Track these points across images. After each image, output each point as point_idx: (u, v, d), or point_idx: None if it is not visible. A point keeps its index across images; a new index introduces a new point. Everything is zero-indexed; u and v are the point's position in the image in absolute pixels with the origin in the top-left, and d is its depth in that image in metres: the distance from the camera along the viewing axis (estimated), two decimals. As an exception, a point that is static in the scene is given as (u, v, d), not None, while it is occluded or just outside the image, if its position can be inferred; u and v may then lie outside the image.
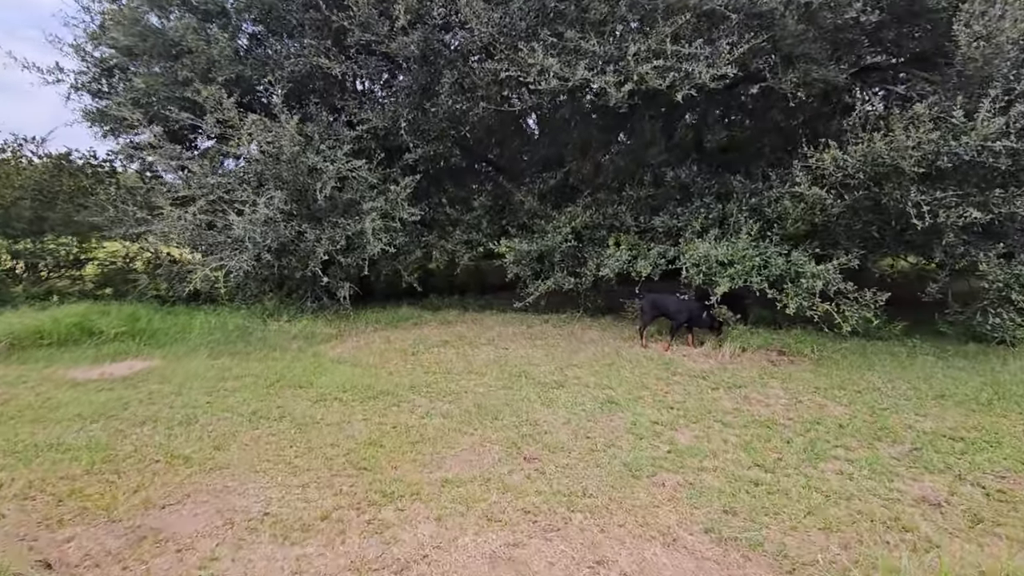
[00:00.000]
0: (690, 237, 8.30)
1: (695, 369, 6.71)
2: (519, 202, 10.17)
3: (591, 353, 7.47)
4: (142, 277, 11.37)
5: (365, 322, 9.37)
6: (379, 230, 8.52)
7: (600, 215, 9.29)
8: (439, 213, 10.40)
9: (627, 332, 8.61)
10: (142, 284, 11.04)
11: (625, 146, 9.66)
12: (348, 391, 5.90)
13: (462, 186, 10.86)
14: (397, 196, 8.78)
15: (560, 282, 9.00)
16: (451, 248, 10.12)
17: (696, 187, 8.99)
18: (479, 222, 10.39)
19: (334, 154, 8.37)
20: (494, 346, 7.93)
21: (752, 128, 9.26)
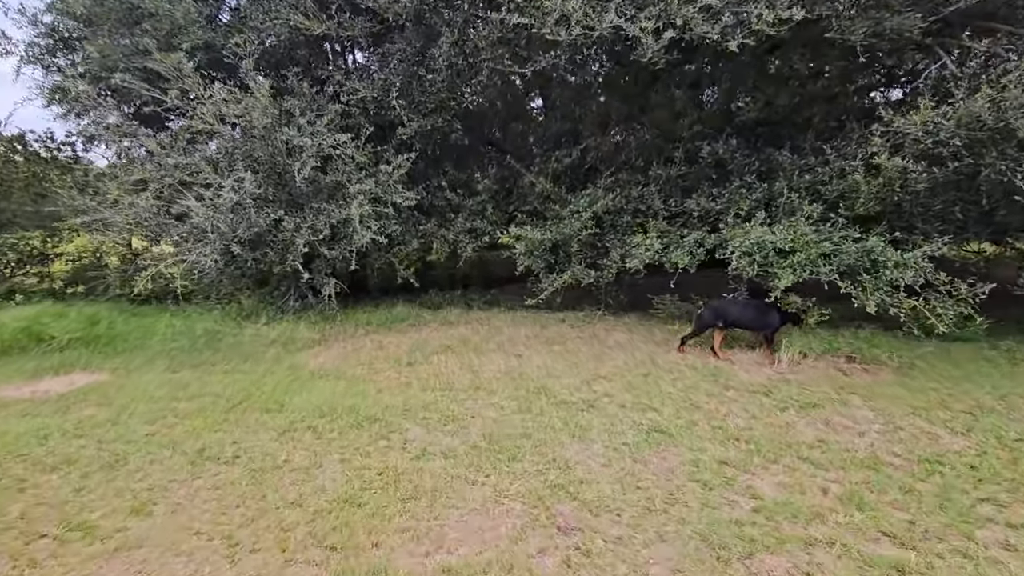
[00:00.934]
0: (733, 222, 7.06)
1: (750, 382, 5.50)
2: (529, 184, 8.93)
3: (621, 361, 6.27)
4: (111, 274, 10.22)
5: (355, 324, 8.18)
6: (368, 217, 7.31)
7: (623, 198, 8.04)
8: (438, 198, 9.17)
9: (658, 333, 7.41)
10: (111, 281, 9.89)
11: (652, 117, 8.38)
12: (326, 416, 4.72)
13: (464, 167, 9.62)
14: (389, 178, 7.55)
15: (579, 275, 7.79)
16: (453, 238, 8.91)
17: (735, 164, 7.73)
18: (484, 208, 9.16)
19: (315, 128, 7.13)
20: (504, 353, 6.73)
21: (799, 95, 7.98)
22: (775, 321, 6.19)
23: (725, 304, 6.55)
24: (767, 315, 6.22)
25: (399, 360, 6.50)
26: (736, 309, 6.40)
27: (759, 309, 6.30)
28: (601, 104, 8.53)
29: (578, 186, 8.67)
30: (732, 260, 6.30)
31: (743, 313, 6.40)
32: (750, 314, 6.36)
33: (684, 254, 6.75)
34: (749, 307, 6.42)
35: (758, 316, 6.29)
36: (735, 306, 6.46)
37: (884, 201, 6.15)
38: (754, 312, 6.33)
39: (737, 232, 6.51)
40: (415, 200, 8.18)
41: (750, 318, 6.36)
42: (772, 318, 6.19)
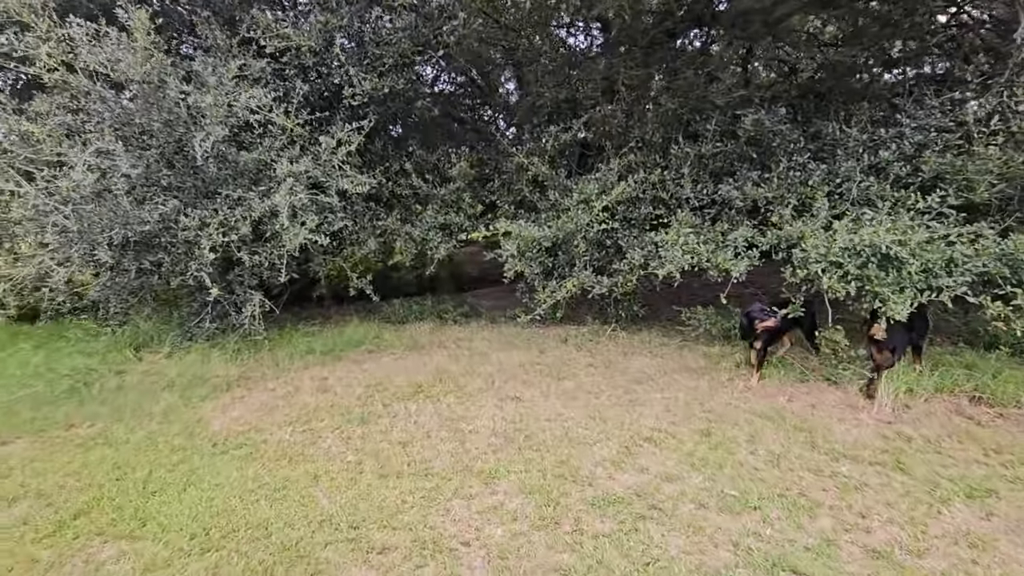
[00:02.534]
0: (791, 215, 5.41)
1: (859, 442, 3.84)
2: (518, 168, 7.07)
3: (660, 406, 4.52)
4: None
5: (291, 352, 6.15)
6: (305, 209, 5.30)
7: (639, 183, 6.27)
8: (401, 186, 7.21)
9: (691, 358, 5.70)
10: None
11: (677, 81, 6.63)
12: (211, 549, 2.78)
13: (432, 147, 7.68)
14: (334, 155, 5.55)
15: (587, 284, 6.01)
16: (420, 236, 6.97)
17: (781, 140, 6.08)
18: (459, 198, 7.26)
19: (223, 84, 5.05)
20: (497, 394, 4.89)
21: (847, 54, 6.39)
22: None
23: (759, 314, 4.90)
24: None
25: (348, 413, 4.56)
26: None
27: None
28: (607, 66, 6.73)
29: (579, 169, 6.87)
30: (802, 269, 4.62)
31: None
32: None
33: (727, 259, 5.04)
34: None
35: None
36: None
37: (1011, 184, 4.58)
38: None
39: (810, 229, 4.83)
40: (371, 187, 6.20)
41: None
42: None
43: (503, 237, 6.13)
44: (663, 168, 6.41)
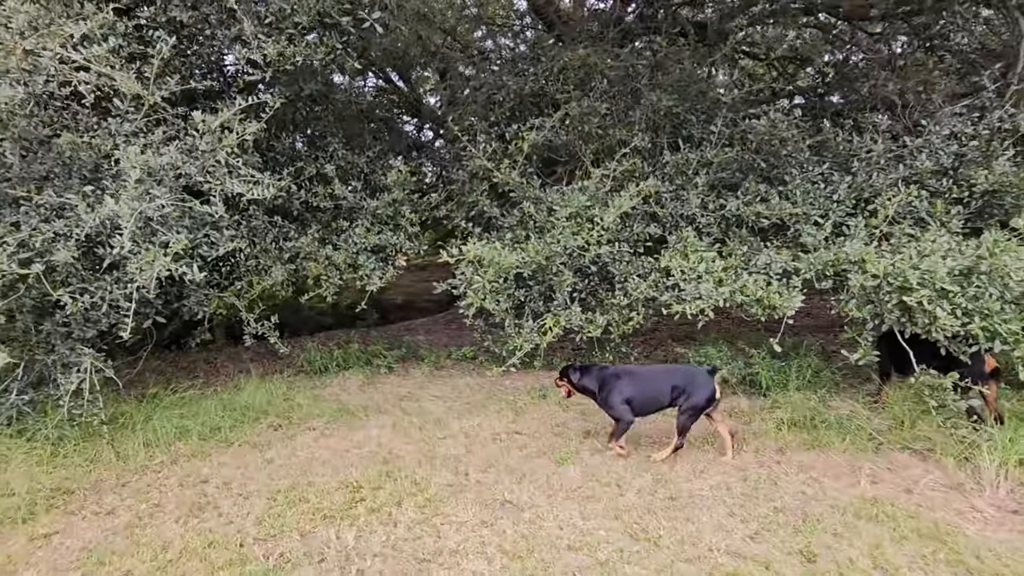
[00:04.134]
0: (818, 235, 4.40)
1: (1014, 547, 2.71)
2: (476, 175, 5.58)
3: (715, 505, 3.17)
4: None
5: (152, 436, 4.09)
6: (168, 222, 3.44)
7: (632, 198, 5.00)
8: (320, 195, 5.43)
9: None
10: None
11: (669, 74, 5.50)
12: None
13: (361, 146, 6.00)
14: (218, 145, 3.72)
15: (576, 322, 4.60)
16: (347, 260, 5.22)
17: (793, 146, 5.12)
18: (397, 212, 5.60)
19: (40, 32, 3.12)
20: (478, 498, 3.29)
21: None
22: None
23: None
24: None
25: (241, 558, 2.75)
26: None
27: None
28: (583, 54, 5.47)
29: (546, 179, 5.51)
30: (862, 301, 3.53)
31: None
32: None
33: (764, 287, 3.87)
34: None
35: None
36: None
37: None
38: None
39: (869, 252, 3.76)
40: (275, 194, 4.40)
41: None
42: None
43: (467, 265, 4.58)
44: (662, 179, 5.22)
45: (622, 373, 3.79)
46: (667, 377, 3.75)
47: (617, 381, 3.73)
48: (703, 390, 3.59)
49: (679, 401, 3.63)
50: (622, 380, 3.74)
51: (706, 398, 3.60)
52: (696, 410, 3.62)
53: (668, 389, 3.66)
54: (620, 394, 3.69)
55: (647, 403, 3.71)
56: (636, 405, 3.70)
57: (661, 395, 3.69)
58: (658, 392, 3.69)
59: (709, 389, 3.60)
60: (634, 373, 3.83)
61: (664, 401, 3.70)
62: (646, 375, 3.87)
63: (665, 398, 3.68)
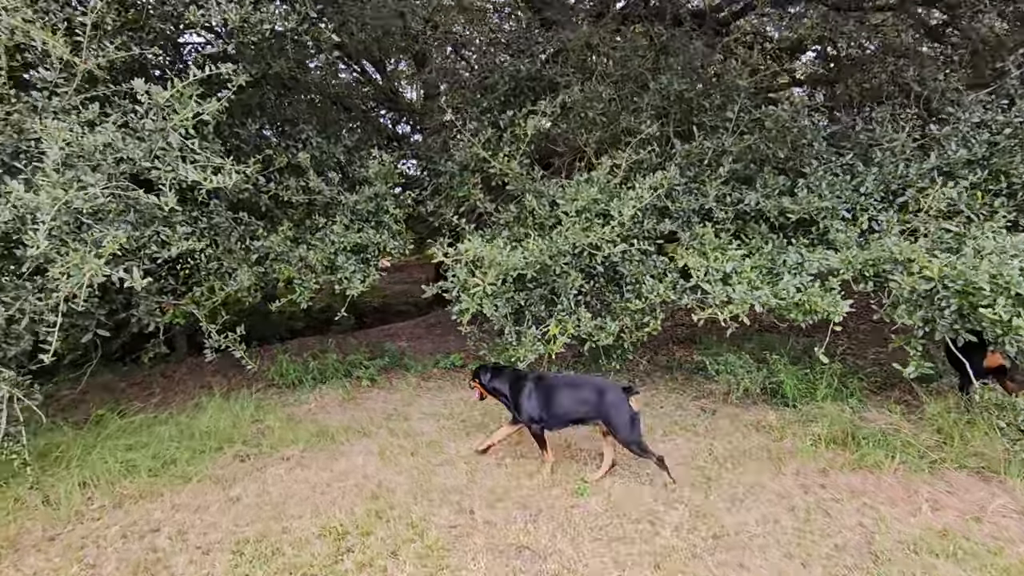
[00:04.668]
0: (850, 231, 4.02)
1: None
2: (463, 168, 5.05)
3: (768, 546, 2.72)
4: None
5: (90, 474, 3.43)
6: (104, 216, 2.81)
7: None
8: (291, 188, 4.80)
9: (738, 430, 4.02)
10: None
11: (678, 56, 5.05)
12: None
13: (336, 135, 5.38)
14: (166, 123, 3.10)
15: (586, 328, 4.10)
16: (321, 264, 4.60)
17: (813, 135, 4.74)
18: (379, 207, 5.01)
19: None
20: (488, 543, 2.76)
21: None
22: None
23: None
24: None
25: (198, 644, 2.18)
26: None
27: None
28: (585, 32, 4.96)
29: (550, 171, 5.00)
30: (912, 306, 3.15)
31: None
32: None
33: (823, 293, 3.44)
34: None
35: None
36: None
37: None
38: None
39: (918, 250, 3.36)
40: (240, 184, 3.80)
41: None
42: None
43: (463, 266, 4.04)
44: (698, 165, 4.77)
45: (536, 379, 3.58)
46: (583, 389, 3.46)
47: (529, 386, 3.53)
48: (620, 411, 3.27)
49: (595, 417, 3.36)
50: (535, 386, 3.53)
51: (629, 418, 3.26)
52: (629, 431, 3.26)
53: (583, 401, 3.40)
54: (530, 400, 3.48)
55: (560, 414, 3.45)
56: (548, 414, 3.47)
57: (576, 406, 3.41)
58: (574, 403, 3.43)
59: (626, 410, 3.26)
60: (548, 380, 3.58)
61: (579, 413, 3.42)
62: (561, 384, 3.56)
63: (581, 410, 3.40)
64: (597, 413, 3.33)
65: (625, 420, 3.25)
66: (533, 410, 3.47)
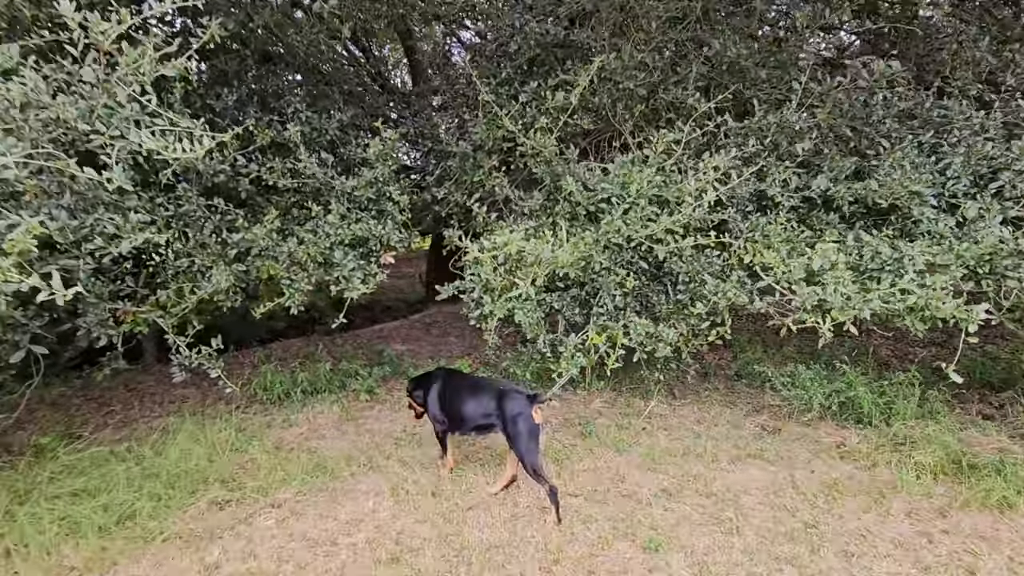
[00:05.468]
0: (942, 224, 3.43)
1: None
2: (480, 148, 4.32)
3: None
4: None
5: (17, 542, 2.67)
6: (34, 201, 2.02)
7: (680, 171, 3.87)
8: (276, 170, 4.00)
9: (824, 455, 3.41)
10: None
11: (730, 16, 4.38)
12: None
13: (328, 110, 4.59)
14: (110, 76, 2.30)
15: (640, 336, 3.43)
16: (314, 260, 3.83)
17: (885, 111, 4.13)
18: (381, 193, 4.24)
19: None
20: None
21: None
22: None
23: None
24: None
25: None
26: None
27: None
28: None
29: (577, 151, 4.28)
30: None
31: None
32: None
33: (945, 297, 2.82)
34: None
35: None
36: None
37: None
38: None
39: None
40: (220, 165, 3.02)
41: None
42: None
43: (488, 261, 3.32)
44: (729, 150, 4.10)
45: (445, 375, 3.46)
46: (485, 393, 3.15)
47: (438, 384, 3.37)
48: (520, 422, 2.93)
49: (494, 425, 3.06)
50: (443, 384, 3.36)
51: (528, 430, 2.91)
52: (528, 441, 2.91)
53: (484, 406, 3.10)
54: (435, 398, 3.33)
55: (460, 418, 3.19)
56: (449, 417, 3.27)
57: (477, 412, 3.11)
58: (474, 407, 3.13)
59: (526, 421, 2.92)
60: (455, 380, 3.41)
61: (480, 420, 3.11)
62: (466, 386, 3.30)
63: (482, 416, 3.09)
64: (497, 421, 3.03)
65: (523, 433, 2.90)
66: (436, 408, 3.31)
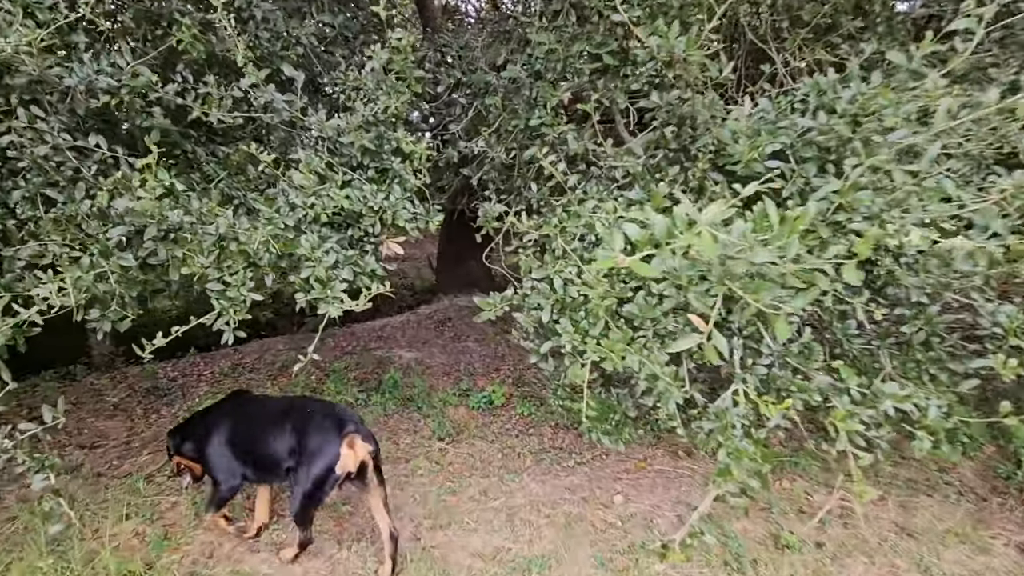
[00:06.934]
0: None
1: None
2: (542, 75, 2.68)
3: None
4: None
5: None
6: None
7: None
8: (214, 101, 2.36)
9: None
10: None
11: None
12: None
13: (299, 10, 2.94)
14: None
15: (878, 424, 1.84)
16: (266, 244, 2.21)
17: None
18: (382, 140, 2.60)
19: None
20: None
21: None
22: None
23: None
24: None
25: None
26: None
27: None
28: None
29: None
30: None
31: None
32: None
33: None
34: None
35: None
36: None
37: None
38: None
39: None
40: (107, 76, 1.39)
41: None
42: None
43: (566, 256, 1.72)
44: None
45: (231, 407, 2.61)
46: (290, 417, 2.45)
47: (219, 424, 2.52)
48: (321, 455, 2.28)
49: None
50: (233, 419, 2.53)
51: (325, 467, 2.27)
52: (314, 486, 2.27)
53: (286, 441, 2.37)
54: (218, 443, 2.48)
55: (269, 457, 2.39)
56: (253, 460, 2.46)
57: (285, 446, 2.37)
58: (273, 442, 2.39)
59: (330, 454, 2.27)
60: (248, 406, 2.64)
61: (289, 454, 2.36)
62: (266, 412, 2.55)
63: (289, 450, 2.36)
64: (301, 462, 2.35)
65: (317, 472, 2.26)
66: (224, 460, 2.54)
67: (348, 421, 2.38)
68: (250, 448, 2.49)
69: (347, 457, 2.28)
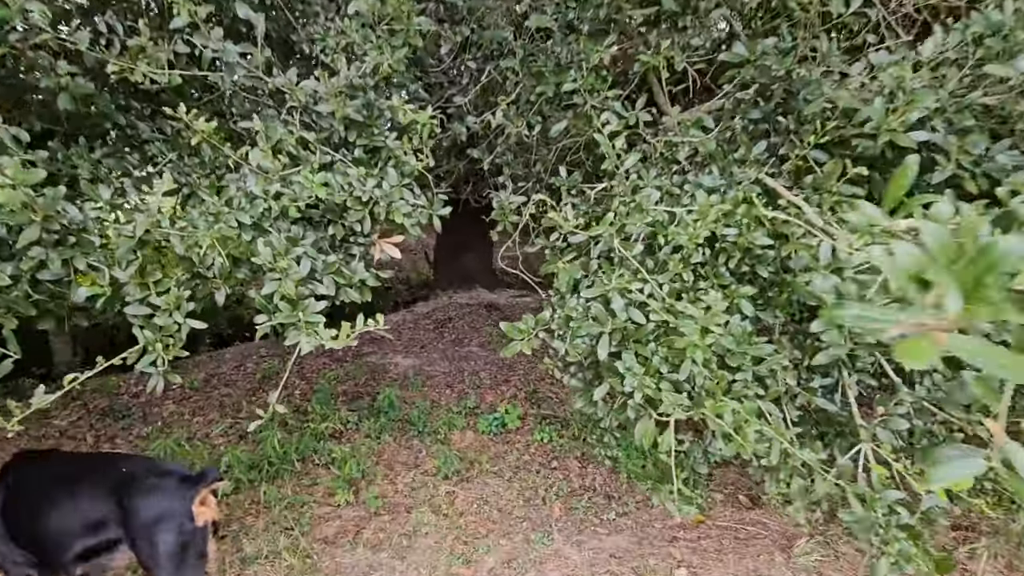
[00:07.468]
0: None
1: None
2: (576, 27, 2.05)
3: None
4: None
5: None
6: None
7: None
8: (146, 55, 1.73)
9: None
10: None
11: None
12: None
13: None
14: None
15: None
16: (216, 246, 1.59)
17: None
18: (372, 113, 1.97)
19: None
20: None
21: None
22: None
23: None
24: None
25: None
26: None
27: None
28: None
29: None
30: None
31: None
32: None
33: None
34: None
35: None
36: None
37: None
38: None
39: None
40: None
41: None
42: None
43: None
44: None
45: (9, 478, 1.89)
46: (100, 482, 1.78)
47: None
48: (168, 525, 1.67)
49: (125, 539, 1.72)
50: (9, 491, 1.86)
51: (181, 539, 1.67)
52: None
53: (93, 509, 1.75)
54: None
55: (49, 538, 1.74)
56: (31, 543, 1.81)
57: (80, 520, 1.74)
58: (74, 515, 1.75)
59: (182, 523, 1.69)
60: (32, 471, 1.91)
61: (85, 532, 1.72)
62: (55, 477, 1.84)
63: (92, 524, 1.73)
64: (120, 532, 1.71)
65: (171, 549, 1.63)
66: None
67: (200, 474, 1.82)
68: (34, 524, 1.87)
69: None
